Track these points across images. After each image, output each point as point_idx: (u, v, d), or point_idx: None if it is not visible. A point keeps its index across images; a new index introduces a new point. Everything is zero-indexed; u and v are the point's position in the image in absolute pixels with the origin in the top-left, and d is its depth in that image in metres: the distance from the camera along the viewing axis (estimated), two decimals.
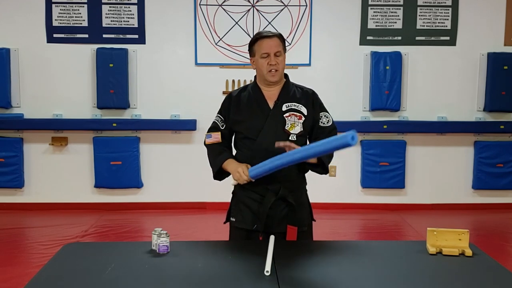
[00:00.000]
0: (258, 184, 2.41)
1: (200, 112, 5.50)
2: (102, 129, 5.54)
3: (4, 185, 5.50)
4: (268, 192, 2.41)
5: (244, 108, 2.48)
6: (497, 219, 5.43)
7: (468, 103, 5.68)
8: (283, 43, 2.45)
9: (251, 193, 2.46)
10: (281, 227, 2.43)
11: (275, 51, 2.39)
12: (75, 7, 5.46)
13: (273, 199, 2.39)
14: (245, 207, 2.48)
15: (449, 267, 2.06)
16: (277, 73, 2.42)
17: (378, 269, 2.02)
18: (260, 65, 2.43)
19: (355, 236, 4.97)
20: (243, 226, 2.48)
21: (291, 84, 2.52)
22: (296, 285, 1.85)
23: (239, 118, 2.47)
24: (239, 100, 2.50)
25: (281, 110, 2.43)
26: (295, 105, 2.44)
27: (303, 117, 2.42)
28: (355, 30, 5.60)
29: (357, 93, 5.66)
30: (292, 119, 2.41)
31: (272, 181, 2.40)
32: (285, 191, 2.41)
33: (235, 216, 2.51)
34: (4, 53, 5.36)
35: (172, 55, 5.57)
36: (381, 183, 5.67)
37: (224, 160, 2.47)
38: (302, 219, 2.48)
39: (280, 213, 2.43)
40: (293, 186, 2.46)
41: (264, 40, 2.41)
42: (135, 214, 5.46)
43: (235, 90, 2.58)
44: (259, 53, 2.42)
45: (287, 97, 2.46)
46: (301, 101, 2.46)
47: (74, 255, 2.18)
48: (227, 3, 5.52)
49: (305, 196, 2.55)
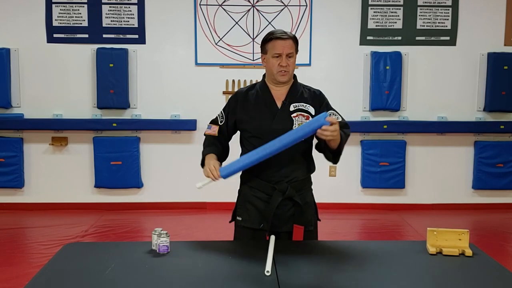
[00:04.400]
0: (265, 183, 2.43)
1: (200, 112, 5.51)
2: (102, 129, 5.54)
3: (4, 185, 5.50)
4: (275, 192, 2.41)
5: (252, 107, 2.48)
6: (497, 219, 5.43)
7: (468, 103, 5.68)
8: (296, 45, 2.45)
9: (258, 192, 2.46)
10: (288, 226, 2.43)
11: (287, 52, 2.39)
12: (75, 7, 5.46)
13: (280, 199, 2.39)
14: (252, 206, 2.48)
15: (449, 267, 2.06)
16: (287, 74, 2.42)
17: (378, 269, 2.02)
18: (271, 64, 2.43)
19: (355, 236, 4.97)
20: (250, 225, 2.47)
21: (299, 84, 2.53)
22: (296, 285, 1.85)
23: (246, 116, 2.48)
24: (247, 99, 2.51)
25: (289, 110, 2.43)
26: (303, 105, 2.45)
27: (310, 117, 2.42)
28: (355, 30, 5.60)
29: (357, 93, 5.66)
30: (300, 119, 2.41)
31: (280, 181, 2.41)
32: (292, 191, 2.41)
33: (241, 215, 2.51)
34: (4, 53, 5.36)
35: (172, 55, 5.57)
36: (381, 183, 5.67)
37: (207, 153, 2.50)
38: (308, 218, 2.48)
39: (287, 212, 2.43)
40: (300, 186, 2.46)
41: (278, 41, 2.40)
42: (135, 214, 5.46)
43: (243, 88, 2.59)
44: (271, 53, 2.42)
45: (295, 97, 2.47)
46: (309, 101, 2.46)
47: (74, 255, 2.18)
48: (227, 3, 5.52)
49: (311, 196, 2.56)
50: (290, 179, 2.42)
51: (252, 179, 2.47)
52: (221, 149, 2.55)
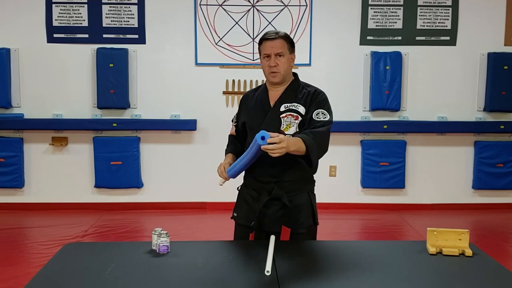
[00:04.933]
0: (257, 182, 2.47)
1: (200, 112, 5.50)
2: (102, 129, 5.54)
3: (4, 185, 5.50)
4: (263, 191, 2.43)
5: (251, 108, 2.53)
6: (497, 219, 5.43)
7: (468, 103, 5.68)
8: (288, 44, 2.42)
9: (251, 190, 2.50)
10: (277, 227, 2.42)
11: (276, 52, 2.38)
12: (75, 7, 5.46)
13: (266, 198, 2.41)
14: (245, 204, 2.52)
15: (449, 267, 2.06)
16: (278, 75, 2.41)
17: (378, 269, 2.02)
18: (262, 66, 2.46)
19: (355, 236, 4.97)
20: (242, 222, 2.51)
21: (298, 84, 2.50)
22: (296, 285, 1.85)
23: (246, 117, 2.54)
24: (248, 100, 2.57)
25: (279, 110, 2.43)
26: (294, 105, 2.41)
27: (299, 117, 2.40)
28: (355, 30, 5.60)
29: (357, 93, 5.66)
30: (288, 120, 2.40)
31: (268, 181, 2.43)
32: (279, 192, 2.40)
33: (237, 211, 2.56)
34: (4, 53, 5.36)
35: (172, 55, 5.57)
36: (381, 183, 5.67)
37: (227, 153, 2.62)
38: (298, 221, 2.43)
39: (276, 213, 2.43)
40: (291, 188, 2.43)
41: (266, 41, 2.41)
42: (135, 214, 5.46)
43: (251, 89, 2.66)
44: (262, 54, 2.44)
45: (288, 97, 2.45)
46: (301, 101, 2.43)
47: (74, 255, 2.18)
48: (227, 3, 5.52)
49: (306, 199, 2.48)
50: (278, 180, 2.42)
51: (247, 178, 2.55)
52: (240, 148, 2.61)
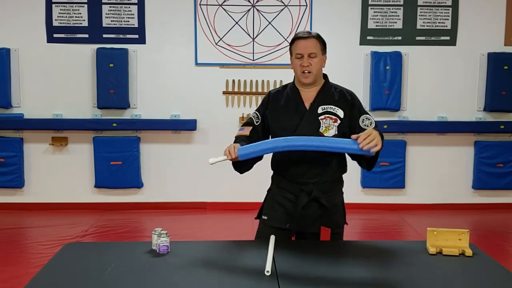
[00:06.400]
0: (292, 184, 2.43)
1: (200, 112, 5.50)
2: (102, 129, 5.54)
3: (4, 185, 5.50)
4: (301, 193, 2.41)
5: (281, 107, 2.48)
6: (497, 219, 5.43)
7: (468, 103, 5.68)
8: (321, 44, 2.43)
9: (286, 192, 2.47)
10: (315, 227, 2.42)
11: (309, 52, 2.38)
12: (75, 7, 5.46)
13: (305, 200, 2.39)
14: (279, 206, 2.48)
15: (449, 267, 2.06)
16: (310, 75, 2.41)
17: (378, 269, 2.02)
18: (294, 66, 2.44)
19: (355, 236, 4.96)
20: (276, 224, 2.46)
21: (330, 85, 2.51)
22: (296, 285, 1.85)
23: (276, 117, 2.47)
24: (277, 99, 2.50)
25: (317, 112, 2.41)
26: (331, 108, 2.42)
27: (338, 120, 2.40)
28: (355, 30, 5.60)
29: (357, 93, 5.53)
30: (327, 122, 2.40)
31: (306, 182, 2.41)
32: (318, 193, 2.39)
33: (267, 214, 2.51)
34: (4, 53, 5.36)
35: (172, 55, 5.57)
36: (381, 183, 5.67)
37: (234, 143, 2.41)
38: (336, 221, 2.46)
39: (314, 214, 2.42)
40: (328, 188, 2.44)
41: (299, 41, 2.40)
42: (135, 214, 5.46)
43: (274, 88, 2.59)
44: (294, 54, 2.42)
45: (324, 99, 2.44)
46: (338, 104, 2.44)
47: (74, 255, 2.18)
48: (227, 3, 5.52)
49: (340, 198, 2.53)
50: (317, 180, 2.41)
51: (281, 180, 2.49)
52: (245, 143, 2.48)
